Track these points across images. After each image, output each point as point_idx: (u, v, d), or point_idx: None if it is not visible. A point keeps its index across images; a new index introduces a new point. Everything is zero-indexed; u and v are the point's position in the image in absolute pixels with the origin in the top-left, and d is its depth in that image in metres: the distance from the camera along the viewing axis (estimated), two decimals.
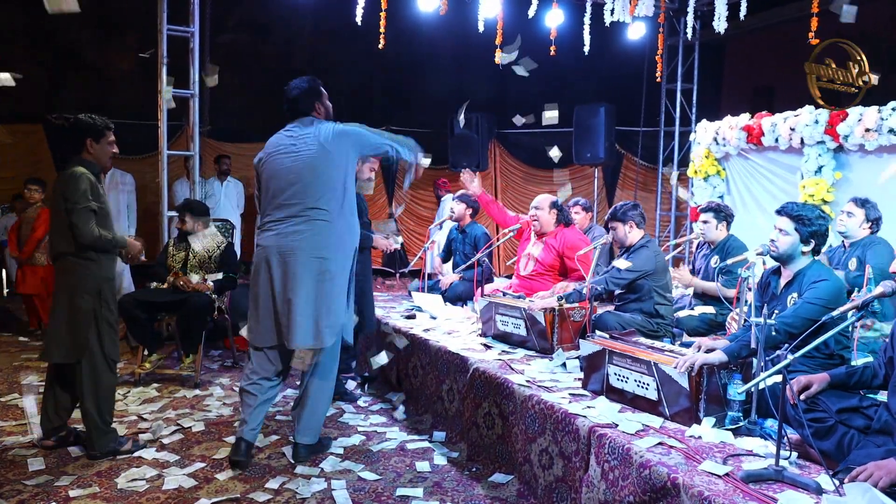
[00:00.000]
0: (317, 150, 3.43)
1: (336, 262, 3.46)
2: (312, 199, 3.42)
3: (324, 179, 3.43)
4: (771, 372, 2.44)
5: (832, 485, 2.25)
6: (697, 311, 4.67)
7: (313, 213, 3.42)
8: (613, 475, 2.66)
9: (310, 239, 3.40)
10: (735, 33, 8.37)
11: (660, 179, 9.95)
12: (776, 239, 3.15)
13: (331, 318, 3.44)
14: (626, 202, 4.39)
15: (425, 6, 7.15)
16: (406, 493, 3.25)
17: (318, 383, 3.60)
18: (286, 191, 3.45)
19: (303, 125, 3.54)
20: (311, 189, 3.42)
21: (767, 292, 3.27)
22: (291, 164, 3.46)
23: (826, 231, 3.12)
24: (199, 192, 6.55)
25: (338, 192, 3.45)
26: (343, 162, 3.47)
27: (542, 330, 4.07)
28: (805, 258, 3.14)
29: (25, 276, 6.46)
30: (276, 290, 3.43)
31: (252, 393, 3.57)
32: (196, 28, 6.19)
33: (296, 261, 3.39)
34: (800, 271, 3.14)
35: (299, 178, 3.43)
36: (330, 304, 3.43)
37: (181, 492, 3.24)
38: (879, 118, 5.35)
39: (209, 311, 5.07)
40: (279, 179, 3.48)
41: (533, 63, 4.77)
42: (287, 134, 3.55)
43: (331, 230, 3.44)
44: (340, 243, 3.48)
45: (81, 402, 3.58)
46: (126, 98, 9.70)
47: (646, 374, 3.05)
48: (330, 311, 3.43)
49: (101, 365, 3.59)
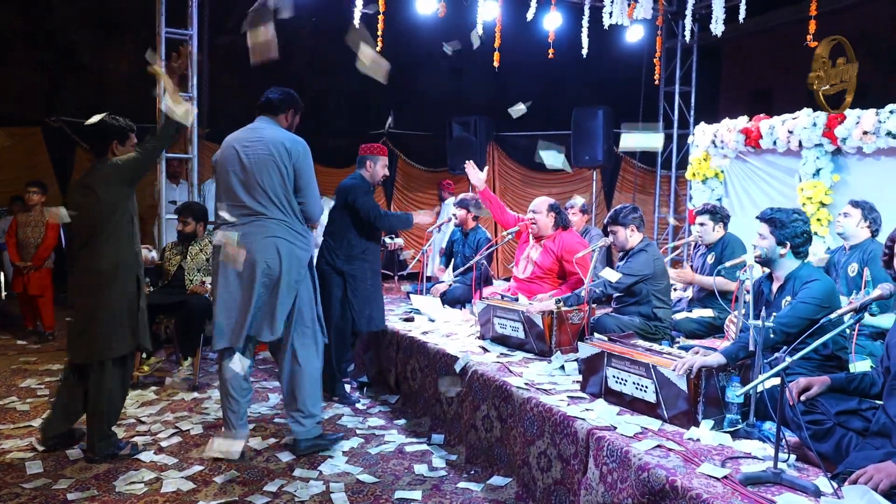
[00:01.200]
0: (266, 153, 3.53)
1: (285, 265, 3.55)
2: (258, 202, 3.54)
3: (272, 182, 3.53)
4: (769, 374, 2.44)
5: (830, 487, 2.25)
6: (696, 313, 4.67)
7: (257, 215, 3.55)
8: (612, 478, 2.66)
9: (260, 236, 3.52)
10: (733, 36, 8.40)
11: (658, 182, 9.96)
12: (757, 243, 3.23)
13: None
14: (625, 205, 4.39)
15: (423, 8, 7.16)
16: (404, 496, 3.24)
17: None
18: (237, 189, 3.56)
19: (262, 125, 3.66)
20: (259, 192, 3.53)
21: (761, 299, 3.30)
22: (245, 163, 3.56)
23: (804, 232, 3.16)
24: (195, 194, 6.54)
25: (283, 197, 3.56)
26: (288, 172, 3.56)
27: (541, 332, 4.07)
28: (788, 261, 3.19)
29: (30, 278, 6.44)
30: (233, 290, 3.57)
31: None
32: (194, 30, 6.19)
33: (254, 261, 3.51)
34: (790, 275, 3.18)
35: (249, 179, 3.54)
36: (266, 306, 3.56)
37: (179, 495, 3.23)
38: (877, 121, 5.36)
39: (207, 314, 5.06)
40: (230, 178, 3.59)
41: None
42: (244, 133, 3.65)
43: (280, 229, 3.56)
44: (284, 249, 3.56)
45: (94, 404, 3.58)
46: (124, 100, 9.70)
47: (644, 377, 3.05)
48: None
49: (121, 368, 3.63)
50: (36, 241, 6.43)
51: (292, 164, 3.55)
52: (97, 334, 3.54)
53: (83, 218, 3.52)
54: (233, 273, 3.53)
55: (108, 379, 3.58)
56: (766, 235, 3.19)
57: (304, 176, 3.60)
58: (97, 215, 3.50)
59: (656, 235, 9.86)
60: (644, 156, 10.08)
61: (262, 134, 3.60)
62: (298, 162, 3.57)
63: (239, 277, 3.53)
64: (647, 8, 7.36)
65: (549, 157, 4.01)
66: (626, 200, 9.94)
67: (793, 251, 3.16)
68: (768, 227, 3.19)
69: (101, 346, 3.54)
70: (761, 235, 3.21)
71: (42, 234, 6.43)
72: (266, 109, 3.70)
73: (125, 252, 3.59)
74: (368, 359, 5.25)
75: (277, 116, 3.69)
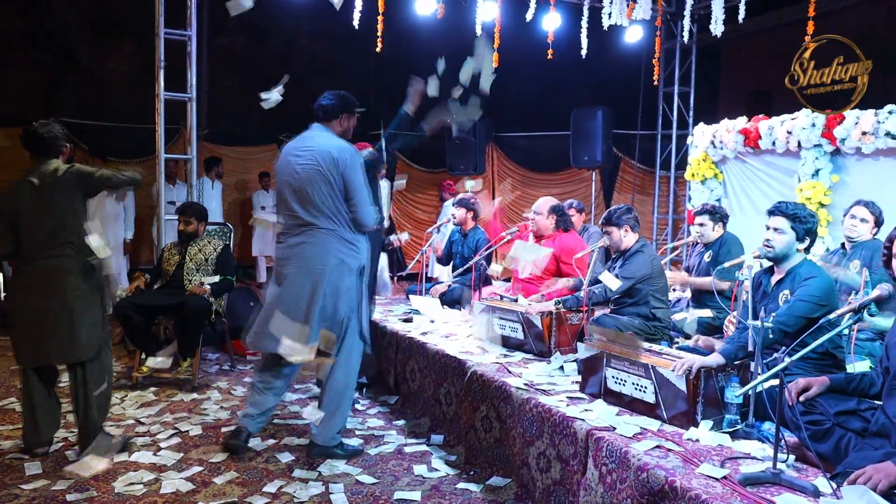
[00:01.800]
0: (317, 162, 3.51)
1: (333, 274, 3.53)
2: (309, 213, 3.54)
3: (322, 193, 3.51)
4: (768, 375, 2.44)
5: (829, 487, 2.25)
6: (695, 314, 4.67)
7: (309, 227, 3.55)
8: (611, 478, 2.66)
9: (312, 247, 3.52)
10: (732, 37, 8.40)
11: (657, 183, 9.96)
12: (771, 238, 3.16)
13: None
14: (619, 206, 4.39)
15: (423, 9, 7.16)
16: (404, 497, 3.24)
17: (330, 386, 3.68)
18: (291, 199, 3.56)
19: (316, 133, 3.65)
20: (311, 200, 3.52)
21: (759, 291, 3.29)
22: (295, 174, 3.57)
23: (817, 230, 3.18)
24: (195, 195, 6.54)
25: (335, 206, 3.54)
26: (337, 180, 3.52)
27: (540, 333, 4.07)
28: (798, 256, 3.18)
29: None
30: (283, 299, 3.56)
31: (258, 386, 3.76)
32: (193, 31, 6.19)
33: (296, 268, 3.53)
34: (791, 269, 3.17)
35: (301, 189, 3.53)
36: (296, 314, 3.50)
37: (178, 496, 3.23)
38: (876, 121, 5.36)
39: (206, 315, 5.06)
40: (286, 187, 3.60)
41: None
42: (298, 142, 3.67)
43: (332, 240, 3.55)
44: (334, 258, 3.54)
45: (84, 406, 3.56)
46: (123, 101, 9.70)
47: (643, 377, 3.05)
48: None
49: (108, 364, 3.64)
50: None
51: (340, 173, 3.50)
52: (75, 335, 3.51)
53: (46, 217, 3.53)
54: (286, 282, 3.56)
55: (92, 377, 3.57)
56: (785, 230, 3.12)
57: (353, 183, 3.54)
58: (62, 216, 3.53)
59: (655, 236, 9.87)
60: (643, 156, 10.08)
61: (312, 143, 3.58)
62: (346, 170, 3.51)
63: (291, 286, 3.54)
64: (645, 9, 7.37)
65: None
66: (626, 201, 9.94)
67: (807, 247, 3.16)
68: (789, 221, 3.11)
69: (83, 347, 3.53)
70: (779, 230, 3.13)
71: None
72: (319, 116, 3.67)
73: (87, 252, 3.59)
74: (367, 359, 5.25)
75: (331, 122, 3.66)
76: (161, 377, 5.11)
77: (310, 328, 3.45)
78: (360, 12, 6.61)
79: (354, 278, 3.61)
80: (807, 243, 3.15)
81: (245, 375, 5.32)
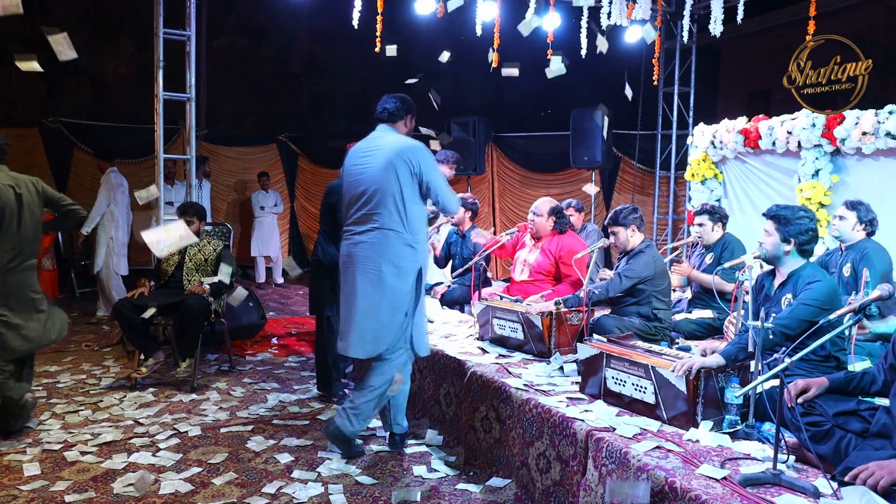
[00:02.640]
0: (388, 161, 3.52)
1: (395, 272, 3.55)
2: (376, 213, 3.56)
3: (387, 192, 3.54)
4: (768, 376, 2.44)
5: (830, 488, 2.24)
6: (695, 314, 4.67)
7: (374, 227, 3.57)
8: (611, 479, 2.65)
9: (374, 249, 3.54)
10: (732, 37, 8.40)
11: (657, 183, 9.96)
12: (763, 241, 3.22)
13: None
14: (625, 206, 4.38)
15: (422, 10, 7.15)
16: (403, 498, 3.23)
17: (374, 380, 3.68)
18: (356, 200, 3.61)
19: (382, 134, 3.70)
20: (379, 199, 3.54)
21: (762, 294, 3.29)
22: (361, 173, 3.61)
23: (809, 230, 3.14)
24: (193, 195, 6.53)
25: (399, 206, 3.55)
26: (408, 177, 3.55)
27: (540, 333, 4.07)
28: (793, 258, 3.17)
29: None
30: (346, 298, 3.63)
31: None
32: (192, 31, 6.18)
33: (356, 270, 3.56)
34: (793, 272, 3.16)
35: (367, 189, 3.57)
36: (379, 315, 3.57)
37: (177, 496, 3.22)
38: (876, 121, 5.36)
39: (205, 315, 5.05)
40: (352, 188, 3.65)
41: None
42: (365, 143, 3.71)
43: (395, 242, 3.56)
44: (397, 256, 3.55)
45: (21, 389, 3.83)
46: (121, 101, 9.70)
47: (643, 378, 3.05)
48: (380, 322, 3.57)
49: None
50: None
51: (412, 171, 3.54)
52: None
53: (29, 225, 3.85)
54: (352, 283, 3.59)
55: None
56: (771, 232, 3.17)
57: (429, 175, 3.57)
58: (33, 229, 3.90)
59: (655, 236, 9.86)
60: (643, 156, 10.08)
61: (379, 143, 3.62)
62: (420, 166, 3.54)
63: (357, 287, 3.57)
64: (645, 9, 7.36)
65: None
66: (625, 201, 9.94)
67: (798, 249, 3.14)
68: (773, 223, 3.16)
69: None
70: (767, 232, 3.19)
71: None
72: (384, 119, 3.72)
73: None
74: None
75: (396, 124, 3.73)
76: (160, 378, 5.10)
77: (375, 328, 3.54)
78: (360, 12, 6.60)
79: (412, 280, 3.61)
80: (792, 245, 3.14)
81: (244, 376, 5.31)
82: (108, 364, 5.57)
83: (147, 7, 6.10)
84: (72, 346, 6.12)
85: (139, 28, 7.59)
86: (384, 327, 3.56)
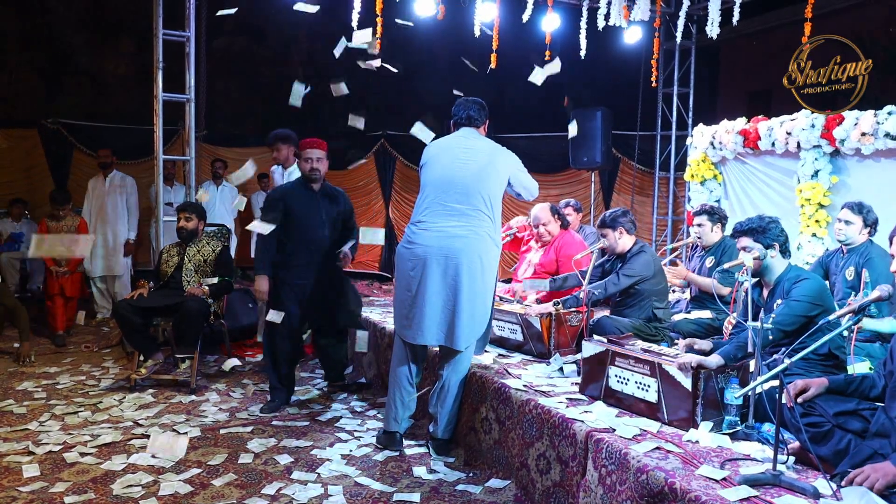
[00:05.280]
0: (487, 161, 3.73)
1: (488, 267, 3.68)
2: (470, 206, 3.68)
3: (483, 191, 3.69)
4: (768, 376, 2.44)
5: (829, 489, 2.24)
6: (694, 315, 4.67)
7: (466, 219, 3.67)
8: (611, 480, 2.65)
9: (472, 243, 3.63)
10: (731, 37, 8.40)
11: (656, 183, 9.95)
12: (744, 257, 3.23)
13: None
14: (615, 209, 4.39)
15: (422, 11, 7.15)
16: (403, 499, 3.23)
17: (455, 379, 3.77)
18: (446, 193, 3.70)
19: (471, 136, 3.86)
20: (475, 197, 3.68)
21: (754, 307, 3.30)
22: (462, 169, 3.73)
23: (782, 231, 3.25)
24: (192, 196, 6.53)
25: (489, 205, 3.71)
26: (503, 178, 3.79)
27: (539, 334, 4.07)
28: (778, 262, 3.24)
29: (67, 281, 6.49)
30: (436, 290, 3.62)
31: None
32: (192, 32, 6.17)
33: (459, 263, 3.61)
34: (779, 278, 3.24)
35: (466, 186, 3.69)
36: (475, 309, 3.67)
37: (177, 497, 3.22)
38: (875, 122, 5.35)
39: (205, 316, 5.05)
40: (444, 183, 3.73)
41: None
42: (456, 141, 3.86)
43: (487, 238, 3.69)
44: (490, 252, 3.69)
45: None
46: (121, 102, 9.69)
47: (648, 376, 3.05)
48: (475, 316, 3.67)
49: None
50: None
51: (506, 170, 3.79)
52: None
53: None
54: (434, 273, 3.62)
55: None
56: (751, 246, 3.22)
57: (514, 169, 3.85)
58: None
59: (655, 237, 9.86)
60: (642, 157, 10.08)
61: (475, 144, 3.83)
62: (509, 162, 3.84)
63: (443, 277, 3.62)
64: (644, 9, 7.36)
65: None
66: (625, 202, 9.94)
67: (781, 250, 3.23)
68: (749, 238, 3.23)
69: None
70: (746, 248, 3.24)
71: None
72: (469, 123, 3.93)
73: None
74: (367, 361, 5.25)
75: (479, 128, 3.95)
76: (159, 378, 5.09)
77: (458, 320, 3.61)
78: (359, 13, 6.60)
79: (493, 279, 3.75)
80: (777, 248, 3.21)
81: (243, 377, 5.31)
82: (108, 365, 5.57)
83: (147, 7, 6.09)
84: (71, 347, 6.11)
85: (139, 28, 7.59)
86: (473, 319, 3.65)
